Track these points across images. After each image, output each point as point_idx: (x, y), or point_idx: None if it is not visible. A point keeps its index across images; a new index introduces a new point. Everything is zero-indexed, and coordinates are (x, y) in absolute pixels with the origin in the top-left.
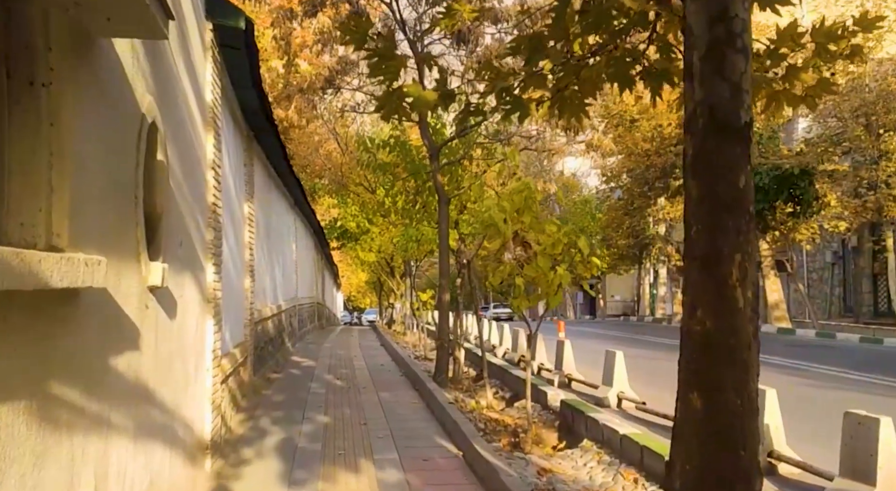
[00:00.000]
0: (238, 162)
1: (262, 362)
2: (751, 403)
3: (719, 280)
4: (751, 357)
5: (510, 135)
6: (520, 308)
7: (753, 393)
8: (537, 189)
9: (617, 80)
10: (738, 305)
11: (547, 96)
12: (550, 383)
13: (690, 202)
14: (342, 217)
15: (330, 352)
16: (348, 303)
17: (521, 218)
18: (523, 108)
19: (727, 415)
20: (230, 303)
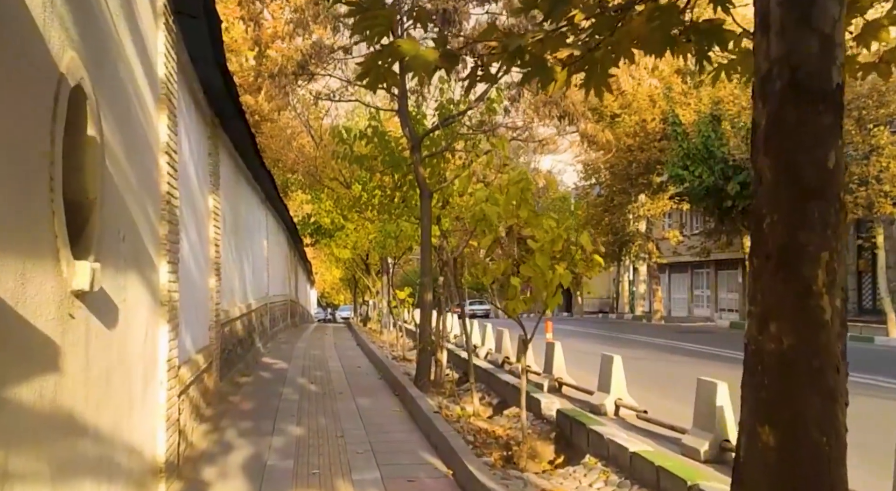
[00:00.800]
0: (201, 150)
1: (230, 365)
2: (839, 442)
3: (801, 286)
4: (839, 383)
5: (495, 126)
6: (516, 311)
7: (842, 430)
8: (532, 180)
9: (656, 39)
10: (825, 318)
11: (577, 56)
12: (539, 388)
13: (762, 186)
14: (316, 213)
15: (304, 352)
16: (322, 300)
17: (516, 212)
18: (546, 70)
19: (809, 458)
20: (191, 304)
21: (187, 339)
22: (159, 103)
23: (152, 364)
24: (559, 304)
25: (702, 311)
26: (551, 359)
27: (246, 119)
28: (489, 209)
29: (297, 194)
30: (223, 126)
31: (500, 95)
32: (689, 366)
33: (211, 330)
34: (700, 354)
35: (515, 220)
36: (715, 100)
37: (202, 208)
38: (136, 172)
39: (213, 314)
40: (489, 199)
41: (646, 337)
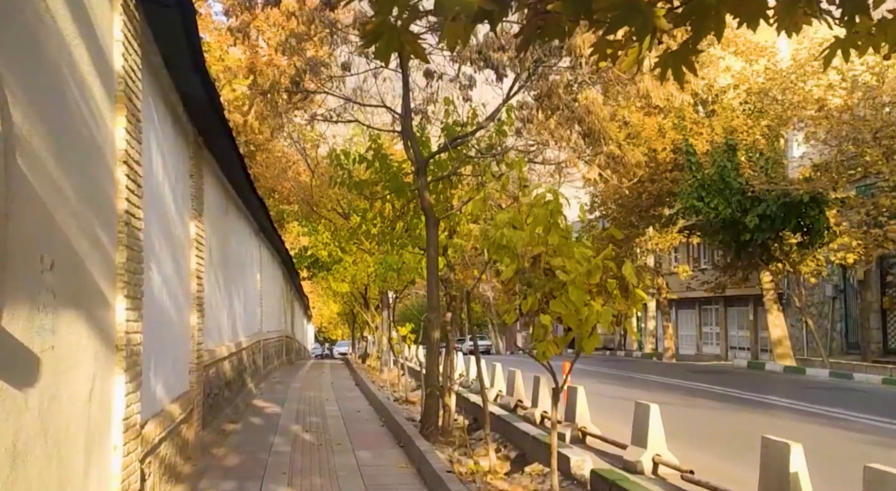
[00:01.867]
0: (180, 169)
1: (215, 411)
2: None
3: None
4: None
5: (505, 149)
6: (546, 355)
7: None
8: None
9: None
10: None
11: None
12: (560, 438)
13: None
14: (312, 245)
15: (299, 394)
16: (319, 335)
17: (544, 238)
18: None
19: None
20: (164, 346)
21: (158, 387)
22: (116, 102)
23: (102, 427)
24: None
25: (711, 348)
26: (573, 405)
27: (233, 136)
28: (513, 235)
29: (293, 226)
30: (208, 145)
31: (510, 117)
32: (721, 412)
33: (191, 374)
34: (727, 397)
35: (543, 248)
36: (728, 129)
37: (181, 236)
38: (76, 183)
39: (193, 356)
40: (512, 223)
41: (661, 377)
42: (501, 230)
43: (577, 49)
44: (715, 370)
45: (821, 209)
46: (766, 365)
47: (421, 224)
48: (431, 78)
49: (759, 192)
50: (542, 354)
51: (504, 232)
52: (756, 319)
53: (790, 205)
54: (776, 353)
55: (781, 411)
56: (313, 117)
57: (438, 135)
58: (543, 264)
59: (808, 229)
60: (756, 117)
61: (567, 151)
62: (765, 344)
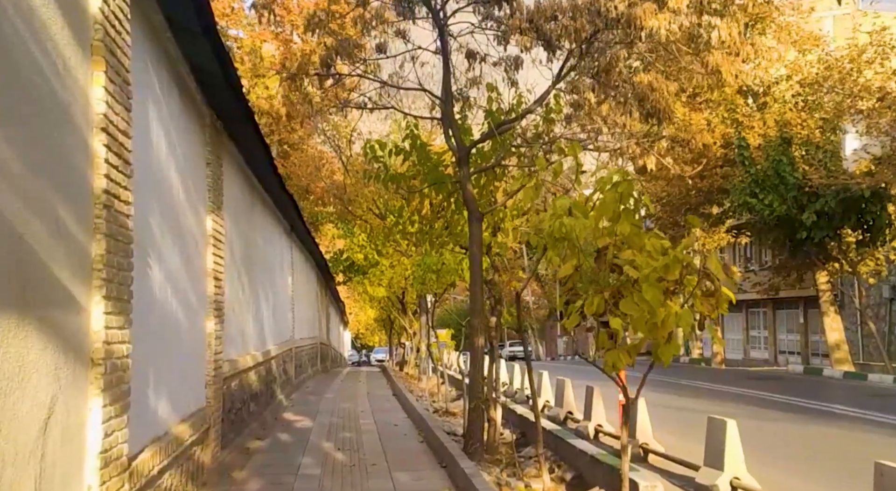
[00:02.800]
0: (194, 154)
1: (238, 428)
2: None
3: None
4: None
5: (553, 138)
6: (618, 366)
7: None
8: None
9: None
10: None
11: None
12: (618, 455)
13: None
14: (348, 248)
15: (332, 406)
16: (356, 341)
17: (614, 227)
18: None
19: None
20: (170, 357)
21: (160, 406)
22: (92, 54)
23: (67, 466)
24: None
25: (758, 353)
26: (633, 418)
27: (255, 122)
28: (575, 225)
29: (327, 228)
30: (228, 132)
31: (559, 104)
32: (789, 424)
33: (208, 387)
34: (790, 406)
35: (610, 239)
36: (781, 122)
37: (194, 230)
38: (25, 150)
39: (210, 367)
40: (573, 210)
41: (713, 384)
42: (560, 219)
43: (636, 20)
44: (769, 376)
45: (882, 205)
46: (823, 370)
47: (462, 220)
48: (474, 59)
49: (817, 187)
50: (611, 365)
51: (563, 221)
52: (807, 322)
53: (849, 201)
54: (834, 357)
55: (852, 422)
56: (345, 104)
57: (481, 122)
58: (610, 259)
59: (868, 226)
60: (811, 109)
61: (622, 138)
62: (816, 348)
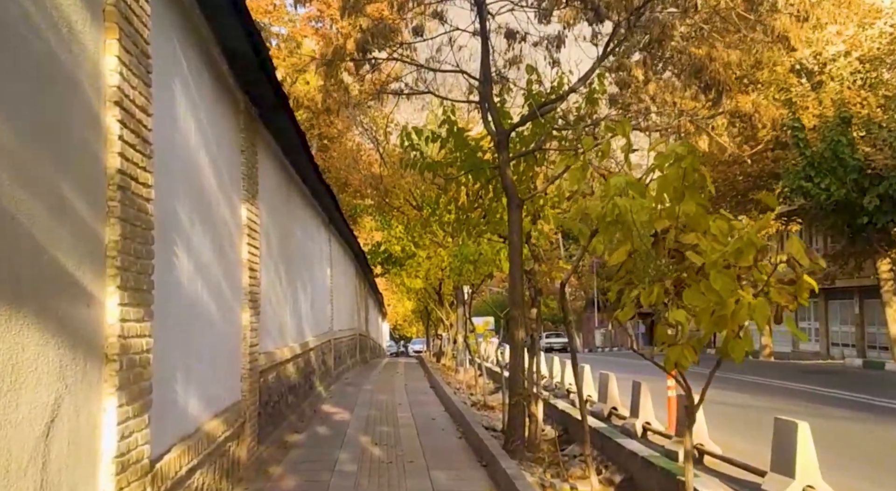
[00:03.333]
0: (227, 141)
1: (276, 421)
2: None
3: None
4: None
5: (597, 120)
6: (682, 364)
7: None
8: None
9: None
10: None
11: None
12: (671, 456)
13: None
14: (386, 240)
15: (370, 397)
16: (395, 332)
17: (677, 207)
18: None
19: None
20: (201, 351)
21: (190, 402)
22: (104, 19)
23: (76, 472)
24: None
25: (808, 345)
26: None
27: (291, 109)
28: (631, 205)
29: (365, 221)
30: (263, 120)
31: (602, 84)
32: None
33: (243, 381)
34: (855, 404)
35: (672, 222)
36: (838, 101)
37: (228, 219)
38: (15, 116)
39: (246, 360)
40: (630, 188)
41: (765, 378)
42: (612, 200)
43: None
44: (824, 370)
45: None
46: (885, 364)
47: (501, 208)
48: (514, 39)
49: (880, 169)
50: (674, 362)
51: (617, 202)
52: (862, 313)
53: None
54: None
55: None
56: (382, 90)
57: (522, 104)
58: (669, 243)
59: None
60: (872, 87)
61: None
62: (873, 340)
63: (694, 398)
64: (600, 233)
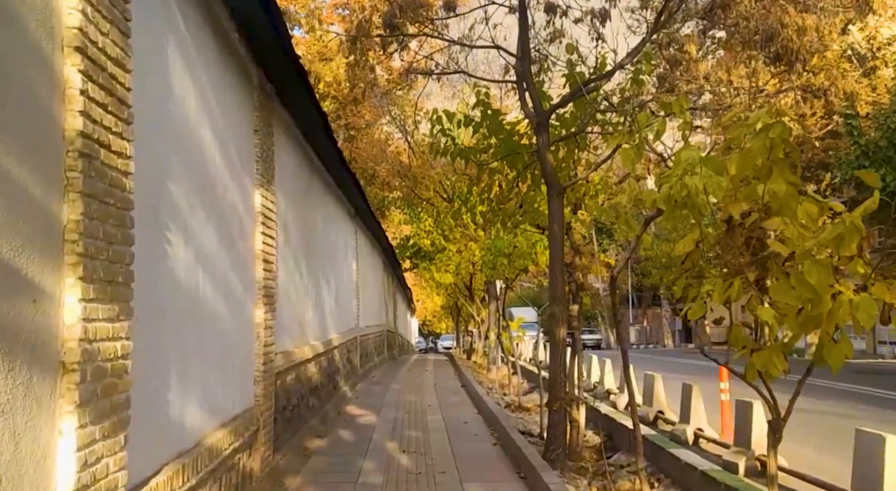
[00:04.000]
0: (237, 118)
1: (295, 426)
2: None
3: None
4: None
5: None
6: (770, 373)
7: None
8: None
9: None
10: None
11: None
12: (730, 469)
13: None
14: (415, 234)
15: (397, 398)
16: (423, 328)
17: (765, 183)
18: None
19: None
20: (203, 353)
21: (188, 414)
22: None
23: None
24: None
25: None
26: (747, 424)
27: (311, 86)
28: (705, 184)
29: (394, 214)
30: (281, 98)
31: (648, 64)
32: None
33: (257, 384)
34: None
35: (752, 204)
36: (894, 88)
37: (238, 205)
38: None
39: (259, 361)
40: (701, 166)
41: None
42: (681, 179)
43: None
44: (878, 370)
45: None
46: None
47: (539, 196)
48: (554, 13)
49: None
50: (755, 372)
51: (688, 182)
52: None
53: None
54: None
55: None
56: (410, 70)
57: (562, 84)
58: (748, 229)
59: None
60: None
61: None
62: None
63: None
64: (665, 218)
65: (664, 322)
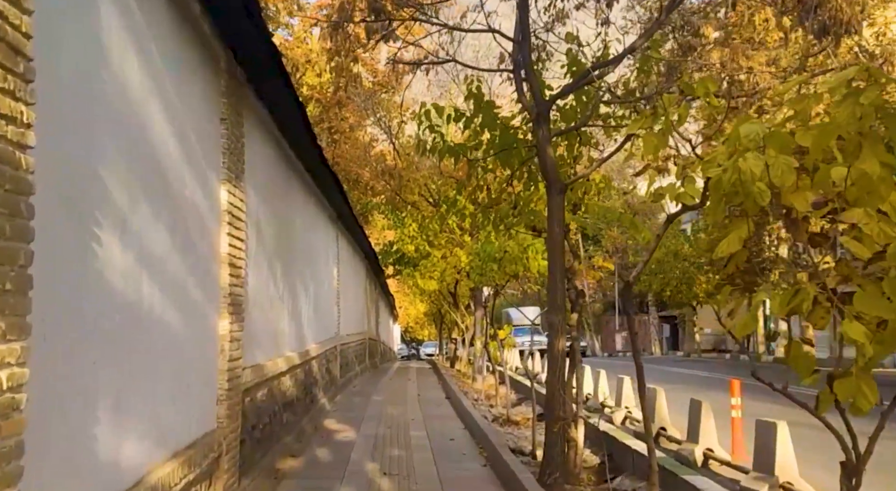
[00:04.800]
0: (198, 101)
1: (266, 445)
2: None
3: None
4: None
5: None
6: (859, 407)
7: None
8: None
9: None
10: None
11: None
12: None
13: None
14: (398, 239)
15: (379, 410)
16: (406, 334)
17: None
18: None
19: None
20: (148, 373)
21: (124, 450)
22: None
23: None
24: None
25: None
26: (769, 447)
27: (287, 74)
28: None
29: (377, 219)
30: (254, 86)
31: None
32: None
33: (220, 404)
34: None
35: (828, 191)
36: None
37: (197, 201)
38: None
39: (223, 378)
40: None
41: None
42: (736, 161)
43: None
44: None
45: None
46: None
47: (536, 196)
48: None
49: None
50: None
51: (742, 165)
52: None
53: None
54: None
55: None
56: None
57: (562, 74)
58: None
59: None
60: None
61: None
62: None
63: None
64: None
65: (651, 329)
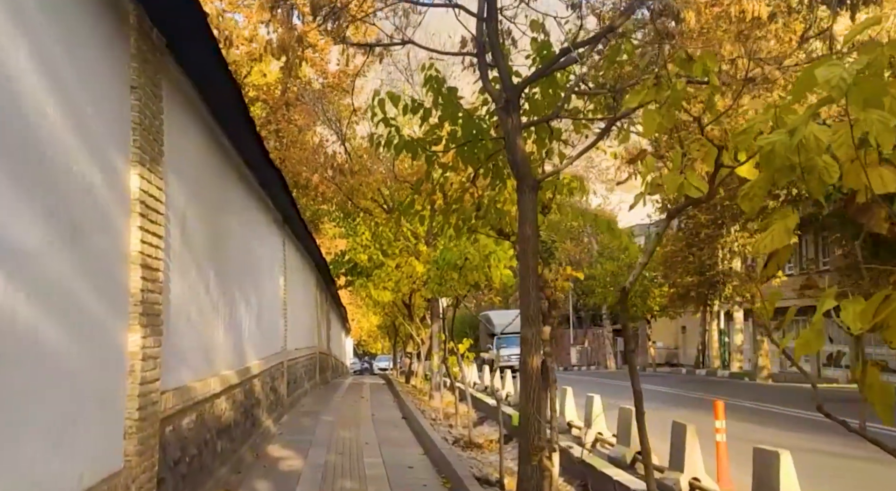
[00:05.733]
0: (93, 64)
1: (197, 479)
2: None
3: None
4: None
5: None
6: None
7: None
8: None
9: None
10: None
11: None
12: None
13: None
14: (351, 248)
15: (329, 433)
16: (358, 348)
17: None
18: None
19: None
20: (13, 414)
21: None
22: None
23: None
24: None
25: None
26: (770, 481)
27: (216, 41)
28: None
29: (328, 228)
30: (176, 54)
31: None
32: None
33: (129, 438)
34: None
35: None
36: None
37: (94, 185)
38: None
39: (133, 405)
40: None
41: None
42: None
43: None
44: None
45: None
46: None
47: (504, 195)
48: None
49: None
50: None
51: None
52: None
53: None
54: None
55: None
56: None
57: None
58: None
59: None
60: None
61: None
62: None
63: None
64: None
65: (606, 343)
